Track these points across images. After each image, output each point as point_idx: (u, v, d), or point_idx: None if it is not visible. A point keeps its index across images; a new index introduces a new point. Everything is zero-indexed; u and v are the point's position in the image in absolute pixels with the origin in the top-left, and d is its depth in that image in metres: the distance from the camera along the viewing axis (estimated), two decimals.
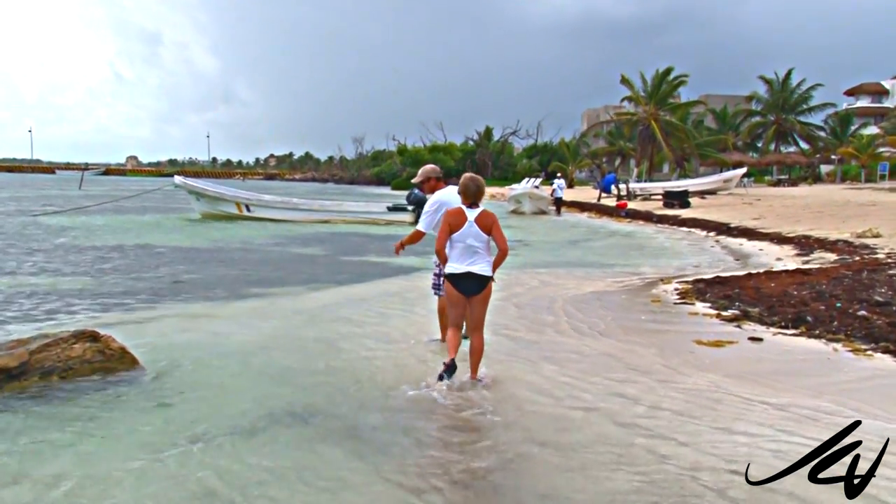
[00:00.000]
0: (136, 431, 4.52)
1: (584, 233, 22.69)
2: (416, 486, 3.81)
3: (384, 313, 8.36)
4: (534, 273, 12.30)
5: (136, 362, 5.75)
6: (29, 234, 17.58)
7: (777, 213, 23.90)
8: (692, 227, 23.31)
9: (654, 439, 4.43)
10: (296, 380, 5.66)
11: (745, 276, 11.13)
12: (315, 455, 4.22)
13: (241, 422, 4.67)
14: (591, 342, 7.09)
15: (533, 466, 4.08)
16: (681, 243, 18.88)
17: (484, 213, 5.58)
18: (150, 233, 18.67)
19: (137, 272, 11.57)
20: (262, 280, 11.06)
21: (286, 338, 7.08)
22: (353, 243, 17.81)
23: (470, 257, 5.54)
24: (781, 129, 60.25)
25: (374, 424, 4.70)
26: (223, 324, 7.74)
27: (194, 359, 6.15)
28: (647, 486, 3.78)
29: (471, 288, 5.56)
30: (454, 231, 5.55)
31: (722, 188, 41.53)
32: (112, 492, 3.71)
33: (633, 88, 49.59)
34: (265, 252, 15.27)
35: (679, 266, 13.89)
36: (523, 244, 18.32)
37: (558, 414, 4.92)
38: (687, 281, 11.19)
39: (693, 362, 6.30)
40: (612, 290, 10.58)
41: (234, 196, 24.53)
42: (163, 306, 8.72)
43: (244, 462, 4.08)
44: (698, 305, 9.07)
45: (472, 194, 5.59)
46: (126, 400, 5.08)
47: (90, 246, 15.20)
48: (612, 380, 5.73)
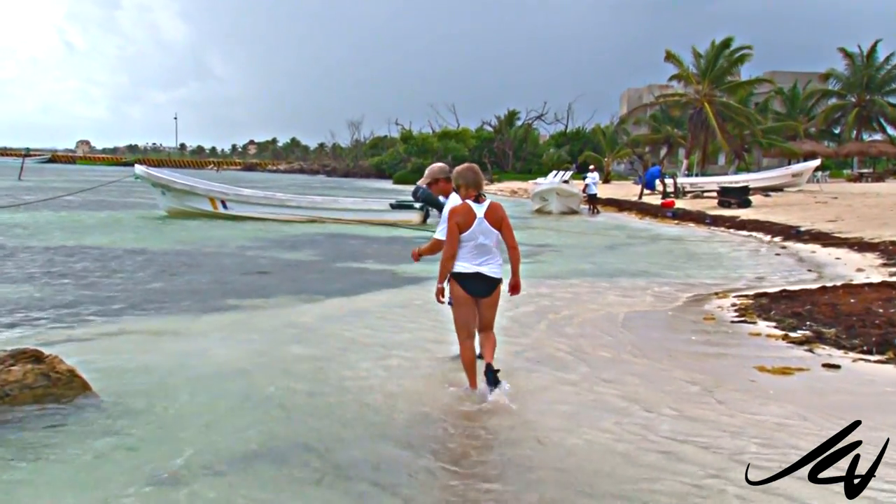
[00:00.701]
0: (85, 471, 4.51)
1: (623, 237, 22.63)
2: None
3: (385, 329, 8.36)
4: (564, 284, 12.27)
5: (88, 388, 5.75)
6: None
7: (858, 215, 23.75)
8: (753, 231, 23.19)
9: (715, 494, 4.37)
10: (279, 409, 5.65)
11: (818, 291, 11.06)
12: (303, 501, 4.20)
13: (212, 460, 4.66)
14: (628, 366, 7.05)
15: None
16: (739, 250, 18.80)
17: (493, 207, 5.89)
18: (105, 233, 18.77)
19: (90, 280, 11.61)
20: (239, 290, 11.08)
21: (268, 359, 7.07)
22: (349, 247, 17.83)
23: (481, 256, 5.85)
24: (865, 112, 59.89)
25: (375, 462, 4.68)
26: (193, 341, 7.75)
27: (158, 384, 6.15)
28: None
29: (480, 289, 5.88)
30: (463, 231, 5.79)
31: (790, 184, 41.36)
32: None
33: (681, 65, 49.43)
34: (244, 257, 15.30)
35: (737, 277, 13.83)
36: (551, 249, 18.28)
37: (592, 453, 4.88)
38: (747, 295, 11.14)
39: (754, 393, 6.25)
40: (656, 306, 10.55)
41: (207, 190, 24.62)
42: (121, 320, 8.74)
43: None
44: (761, 325, 9.02)
45: (476, 184, 5.89)
46: (74, 433, 5.08)
47: (32, 248, 15.29)
48: (654, 413, 5.68)
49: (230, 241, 18.01)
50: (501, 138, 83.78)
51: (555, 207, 32.03)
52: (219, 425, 5.29)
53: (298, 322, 8.85)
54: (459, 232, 5.79)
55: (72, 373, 5.74)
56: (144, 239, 17.84)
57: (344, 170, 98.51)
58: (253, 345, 7.64)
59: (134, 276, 12.07)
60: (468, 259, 5.84)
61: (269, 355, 7.22)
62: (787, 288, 11.60)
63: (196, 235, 18.95)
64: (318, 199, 26.36)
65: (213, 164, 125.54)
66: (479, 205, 5.87)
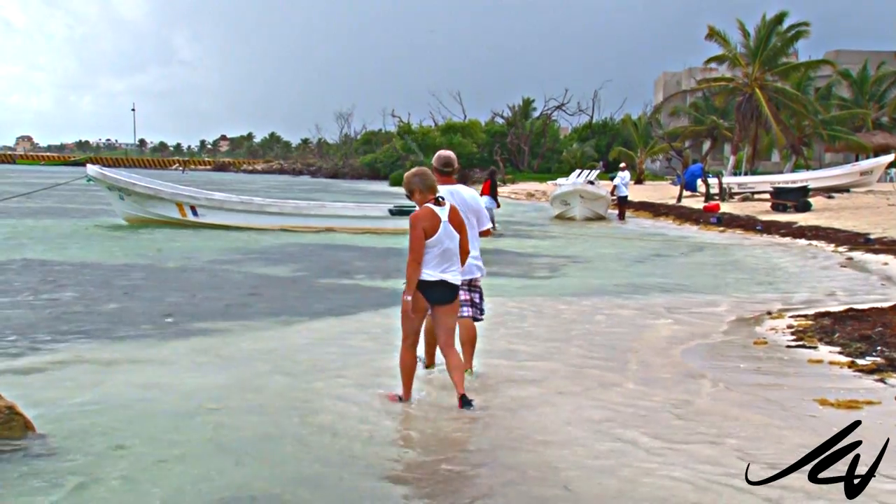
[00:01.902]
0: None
1: (659, 246, 22.62)
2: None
3: (376, 356, 8.33)
4: (589, 302, 12.30)
5: (31, 427, 5.76)
6: None
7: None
8: (813, 239, 23.16)
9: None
10: (254, 453, 5.64)
11: (890, 310, 11.02)
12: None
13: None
14: (667, 395, 7.04)
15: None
16: (796, 262, 18.77)
17: (453, 209, 6.73)
18: (52, 245, 18.82)
19: (34, 300, 11.63)
20: (209, 311, 11.09)
21: (240, 392, 7.07)
22: (337, 260, 17.86)
23: (445, 263, 6.62)
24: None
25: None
26: (154, 372, 7.75)
27: (112, 422, 6.15)
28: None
29: (443, 297, 6.68)
30: (430, 236, 6.52)
31: (858, 183, 41.28)
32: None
33: (727, 44, 49.41)
34: (215, 272, 15.34)
35: (794, 294, 13.79)
36: (574, 261, 18.29)
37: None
38: (806, 315, 11.11)
39: (816, 430, 6.21)
40: (698, 327, 10.54)
41: (174, 194, 24.73)
42: (71, 347, 8.75)
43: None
44: (822, 350, 9.00)
45: (432, 188, 6.65)
46: (12, 482, 5.07)
47: None
48: (705, 462, 5.66)
49: (200, 253, 18.05)
50: (516, 132, 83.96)
51: (578, 213, 32.00)
52: (184, 472, 5.27)
53: (277, 348, 8.85)
54: (426, 237, 6.50)
55: (11, 410, 5.73)
56: (98, 252, 17.88)
57: (332, 169, 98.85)
58: (224, 375, 7.64)
59: (86, 296, 12.08)
60: (433, 266, 6.57)
61: (242, 388, 7.21)
62: (854, 307, 11.55)
63: (160, 247, 18.99)
64: (302, 205, 26.40)
65: (179, 164, 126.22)
66: (442, 208, 6.62)
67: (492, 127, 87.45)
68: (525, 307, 11.69)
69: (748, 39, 49.51)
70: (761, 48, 48.78)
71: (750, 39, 49.46)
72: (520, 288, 13.72)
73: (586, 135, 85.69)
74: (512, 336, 9.61)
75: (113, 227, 23.55)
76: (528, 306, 11.77)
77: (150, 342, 9.12)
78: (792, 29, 49.19)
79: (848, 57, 69.57)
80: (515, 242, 22.31)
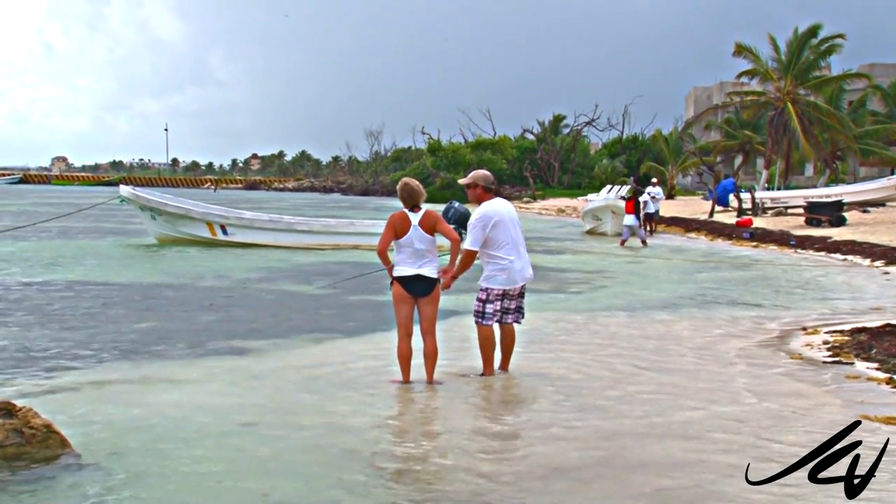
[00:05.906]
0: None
1: (692, 261, 22.48)
2: None
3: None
4: (622, 317, 12.27)
5: (67, 445, 5.80)
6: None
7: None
8: (848, 254, 22.96)
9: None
10: (289, 470, 5.67)
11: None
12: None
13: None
14: (700, 415, 6.99)
15: None
16: (831, 277, 18.61)
17: (426, 215, 7.74)
18: (86, 265, 19.03)
19: (70, 320, 11.75)
20: (242, 330, 11.16)
21: (274, 410, 7.12)
22: (368, 278, 17.87)
23: (419, 260, 7.70)
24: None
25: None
26: (188, 391, 7.81)
27: (147, 440, 6.20)
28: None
29: (420, 289, 7.74)
30: (399, 236, 7.67)
31: (893, 197, 40.85)
32: None
33: (758, 59, 49.06)
34: (247, 291, 15.45)
35: (829, 310, 13.69)
36: (605, 276, 18.24)
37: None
38: (842, 331, 11.04)
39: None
40: (729, 343, 10.48)
41: (204, 213, 24.91)
42: (105, 367, 8.83)
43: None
44: (859, 366, 8.96)
45: (409, 199, 7.74)
46: (50, 499, 5.11)
47: (1, 283, 15.52)
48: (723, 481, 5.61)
49: (231, 272, 18.17)
50: (546, 148, 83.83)
51: (610, 228, 31.88)
52: (219, 491, 5.31)
53: (308, 366, 8.91)
54: (396, 237, 7.65)
55: (48, 428, 5.78)
56: (132, 272, 18.04)
57: (362, 187, 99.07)
58: (257, 394, 7.70)
59: (120, 316, 12.20)
60: (408, 263, 7.69)
61: (276, 406, 7.26)
62: (892, 322, 11.45)
63: (192, 266, 19.16)
64: (332, 223, 26.54)
65: (211, 183, 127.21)
66: (415, 214, 7.73)
67: (522, 143, 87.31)
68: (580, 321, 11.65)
69: (779, 53, 49.17)
70: (793, 62, 48.42)
71: (781, 53, 49.12)
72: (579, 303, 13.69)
73: (616, 150, 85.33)
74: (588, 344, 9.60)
75: (145, 247, 23.77)
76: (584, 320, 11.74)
77: (184, 362, 9.18)
78: (825, 42, 48.75)
79: (882, 70, 68.98)
80: (573, 258, 22.25)
